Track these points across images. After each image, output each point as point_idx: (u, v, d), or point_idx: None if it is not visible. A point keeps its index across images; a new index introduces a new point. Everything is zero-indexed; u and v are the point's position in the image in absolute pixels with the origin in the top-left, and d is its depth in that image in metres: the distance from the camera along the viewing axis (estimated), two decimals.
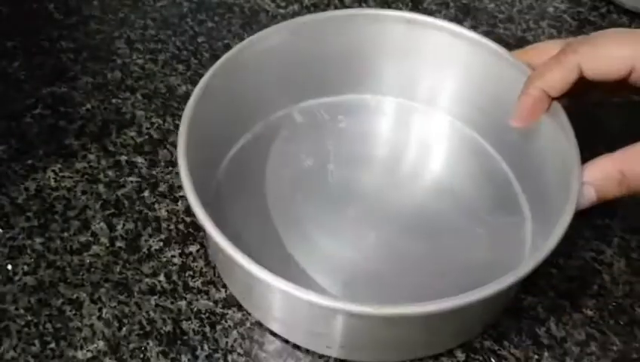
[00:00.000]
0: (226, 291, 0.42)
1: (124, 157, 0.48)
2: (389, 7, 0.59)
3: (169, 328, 0.40)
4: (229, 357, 0.39)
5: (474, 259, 0.42)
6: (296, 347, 0.40)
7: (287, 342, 0.40)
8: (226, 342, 0.40)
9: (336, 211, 0.44)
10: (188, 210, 0.45)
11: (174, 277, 0.42)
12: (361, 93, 0.49)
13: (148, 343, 0.40)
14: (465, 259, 0.42)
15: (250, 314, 0.41)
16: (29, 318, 0.41)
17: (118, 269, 0.43)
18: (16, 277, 0.42)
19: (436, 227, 0.43)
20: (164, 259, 0.43)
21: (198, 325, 0.41)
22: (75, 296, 0.42)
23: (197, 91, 0.41)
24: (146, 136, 0.49)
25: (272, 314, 0.39)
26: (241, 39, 0.45)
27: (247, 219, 0.43)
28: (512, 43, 0.55)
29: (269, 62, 0.45)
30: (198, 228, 0.44)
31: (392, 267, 0.41)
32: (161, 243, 0.44)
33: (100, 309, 0.41)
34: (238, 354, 0.40)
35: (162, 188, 0.46)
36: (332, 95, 0.49)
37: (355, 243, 0.42)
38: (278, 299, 0.37)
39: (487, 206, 0.44)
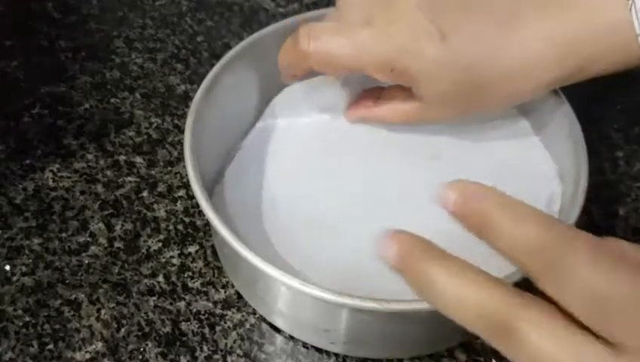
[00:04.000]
0: (225, 292, 0.42)
1: (122, 157, 0.48)
2: None
3: (168, 329, 0.40)
4: (229, 358, 0.39)
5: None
6: (296, 348, 0.40)
7: (286, 342, 0.40)
8: (226, 343, 0.40)
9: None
10: (187, 211, 0.45)
11: (173, 278, 0.42)
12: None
13: (147, 344, 0.40)
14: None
15: (249, 315, 0.41)
16: (27, 319, 0.40)
17: (116, 270, 0.42)
18: (15, 278, 0.42)
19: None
20: (163, 260, 0.43)
21: (197, 326, 0.40)
22: (73, 296, 0.41)
23: (203, 86, 0.41)
24: (145, 136, 0.49)
25: (277, 309, 0.39)
26: (241, 38, 0.45)
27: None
28: None
29: (276, 59, 0.45)
30: (197, 228, 0.44)
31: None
32: (160, 244, 0.44)
33: (98, 310, 0.41)
34: (238, 355, 0.39)
35: (161, 188, 0.46)
36: None
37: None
38: (283, 294, 0.37)
39: None
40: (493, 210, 0.27)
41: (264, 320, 0.41)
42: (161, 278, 0.42)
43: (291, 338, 0.40)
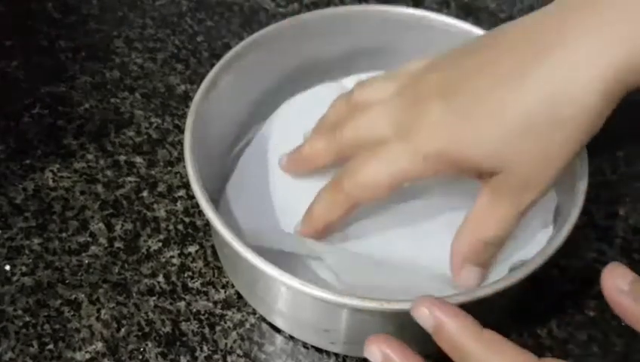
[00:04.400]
0: (225, 292, 0.42)
1: (122, 157, 0.48)
2: None
3: (168, 329, 0.40)
4: (229, 358, 0.39)
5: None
6: (296, 348, 0.40)
7: (286, 342, 0.40)
8: (226, 344, 0.40)
9: None
10: (187, 211, 0.45)
11: (173, 278, 0.42)
12: None
13: (147, 344, 0.40)
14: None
15: (249, 315, 0.41)
16: (27, 319, 0.40)
17: (116, 270, 0.42)
18: (15, 278, 0.42)
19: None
20: (163, 260, 0.43)
21: (197, 326, 0.40)
22: (73, 296, 0.41)
23: (203, 86, 0.41)
24: (145, 136, 0.49)
25: (277, 309, 0.39)
26: (241, 38, 0.45)
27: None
28: None
29: (275, 59, 0.45)
30: (197, 228, 0.44)
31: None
32: (160, 244, 0.44)
33: (98, 310, 0.41)
34: (238, 355, 0.39)
35: (161, 188, 0.46)
36: None
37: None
38: (283, 294, 0.37)
39: None
40: (471, 344, 0.28)
41: (264, 320, 0.41)
42: (161, 278, 0.42)
43: (291, 338, 0.40)
